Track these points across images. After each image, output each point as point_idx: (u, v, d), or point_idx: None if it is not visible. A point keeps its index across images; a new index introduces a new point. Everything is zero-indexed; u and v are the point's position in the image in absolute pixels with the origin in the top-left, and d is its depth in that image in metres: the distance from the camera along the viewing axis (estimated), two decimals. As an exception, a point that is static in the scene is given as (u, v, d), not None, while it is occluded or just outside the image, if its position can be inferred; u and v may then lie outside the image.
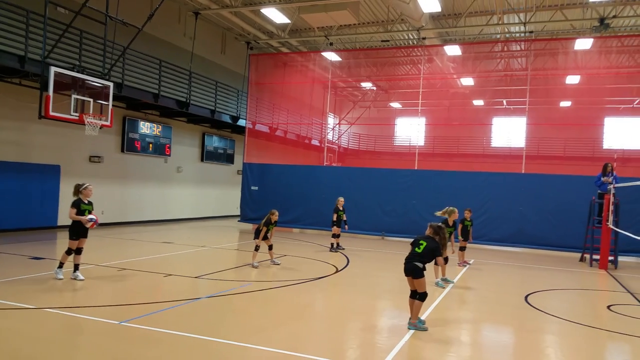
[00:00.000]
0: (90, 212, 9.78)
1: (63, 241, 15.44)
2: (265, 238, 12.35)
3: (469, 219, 13.82)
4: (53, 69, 14.09)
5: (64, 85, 14.58)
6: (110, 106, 15.97)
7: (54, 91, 14.12)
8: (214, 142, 26.71)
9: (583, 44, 21.31)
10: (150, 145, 22.01)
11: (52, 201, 17.73)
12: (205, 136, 25.95)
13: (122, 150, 20.70)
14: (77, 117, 14.82)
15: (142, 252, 13.99)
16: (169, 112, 22.07)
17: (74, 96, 14.70)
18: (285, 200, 20.91)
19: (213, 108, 23.62)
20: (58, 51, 15.39)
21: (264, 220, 12.34)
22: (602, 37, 21.72)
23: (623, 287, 12.14)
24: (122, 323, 7.05)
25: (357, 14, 20.80)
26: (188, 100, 21.72)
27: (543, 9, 20.94)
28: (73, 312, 7.63)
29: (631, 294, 11.28)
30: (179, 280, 10.57)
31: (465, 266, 13.97)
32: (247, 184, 22.90)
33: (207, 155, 26.16)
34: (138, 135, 21.30)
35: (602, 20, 20.27)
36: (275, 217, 12.38)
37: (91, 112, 15.21)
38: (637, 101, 29.68)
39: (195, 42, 22.60)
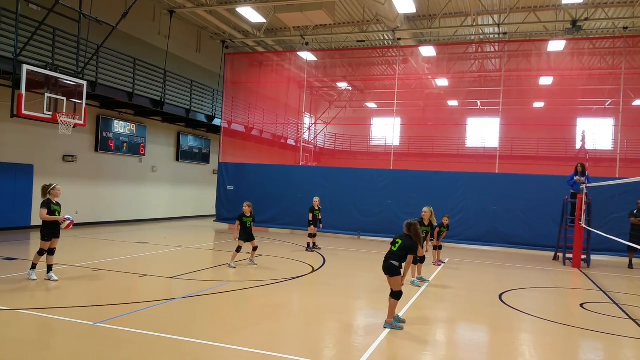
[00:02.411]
0: (59, 213, 9.67)
1: (36, 242, 15.17)
2: (252, 238, 12.33)
3: (445, 225, 13.96)
4: (25, 67, 13.83)
5: (37, 84, 14.37)
6: (84, 105, 15.77)
7: (27, 89, 13.86)
8: (190, 142, 26.54)
9: (556, 45, 21.67)
10: (125, 144, 21.77)
11: (25, 201, 17.42)
12: (181, 135, 25.76)
13: (96, 150, 20.43)
14: (50, 116, 14.62)
15: (116, 253, 13.82)
16: (144, 111, 21.88)
17: (47, 95, 14.52)
18: (261, 199, 20.83)
19: (188, 107, 23.46)
20: (30, 49, 15.15)
21: (238, 215, 12.38)
22: (575, 39, 22.10)
23: (596, 285, 12.37)
24: (97, 324, 6.97)
25: (333, 14, 20.85)
26: (163, 99, 21.54)
27: (517, 10, 21.24)
28: (46, 313, 7.52)
29: (603, 292, 11.49)
30: (154, 280, 10.47)
31: (440, 265, 14.09)
32: (222, 184, 22.82)
33: (183, 155, 25.97)
34: (112, 134, 21.05)
35: (574, 22, 20.61)
36: (246, 208, 12.34)
37: (65, 111, 15.04)
38: (608, 102, 30.22)
39: (170, 40, 22.40)
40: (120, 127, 21.45)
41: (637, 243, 13.67)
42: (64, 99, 15.03)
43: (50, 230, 9.62)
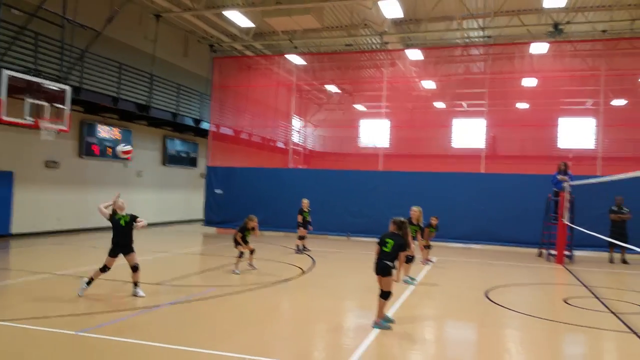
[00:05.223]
0: (125, 222, 9.86)
1: (16, 250, 14.95)
2: (246, 242, 12.26)
3: (434, 226, 14.06)
4: (6, 73, 13.57)
5: (18, 89, 14.00)
6: (68, 111, 15.45)
7: (8, 95, 13.59)
8: (176, 146, 26.39)
9: (539, 48, 21.83)
10: (109, 149, 21.49)
11: (4, 209, 16.95)
12: (167, 140, 25.59)
13: (80, 155, 20.19)
14: (32, 122, 14.26)
15: (101, 259, 13.54)
16: (129, 115, 21.64)
17: (28, 100, 14.17)
18: (250, 203, 20.74)
19: (175, 111, 23.33)
20: (12, 54, 14.92)
21: (240, 227, 12.27)
22: (557, 42, 22.26)
23: (579, 280, 12.50)
24: (79, 333, 6.80)
25: (321, 19, 20.83)
26: (149, 104, 21.41)
27: (501, 14, 21.34)
28: (25, 323, 7.16)
29: (586, 287, 11.61)
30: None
31: (428, 264, 14.15)
32: (211, 188, 22.72)
33: (169, 159, 25.79)
34: (96, 139, 20.73)
35: (556, 25, 20.80)
36: (252, 223, 12.21)
37: (47, 116, 14.68)
38: (589, 102, 30.53)
39: (156, 45, 22.20)
40: (104, 131, 21.12)
41: (617, 239, 13.96)
42: (47, 104, 14.66)
43: (117, 244, 9.50)
